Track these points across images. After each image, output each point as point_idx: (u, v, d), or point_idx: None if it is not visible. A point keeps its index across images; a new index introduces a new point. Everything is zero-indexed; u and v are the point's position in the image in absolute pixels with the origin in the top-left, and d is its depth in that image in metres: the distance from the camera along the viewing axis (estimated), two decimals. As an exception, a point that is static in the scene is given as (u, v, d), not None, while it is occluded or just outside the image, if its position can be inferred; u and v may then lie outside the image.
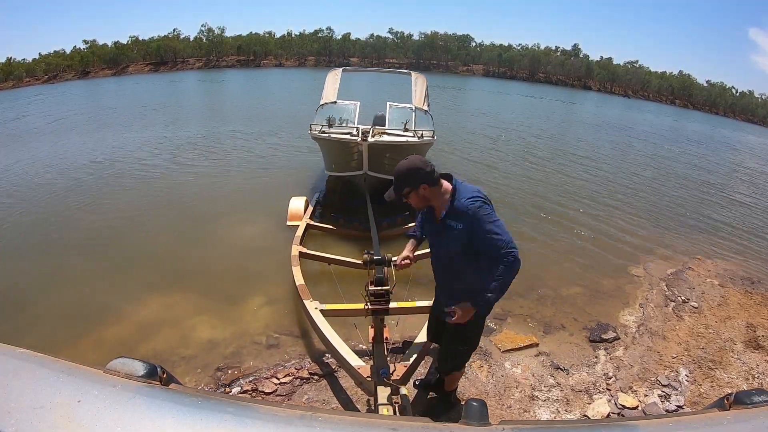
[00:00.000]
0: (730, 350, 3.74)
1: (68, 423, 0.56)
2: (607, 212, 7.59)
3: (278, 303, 4.11)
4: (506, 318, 3.96)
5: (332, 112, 7.31)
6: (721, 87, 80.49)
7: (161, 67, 63.69)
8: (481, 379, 3.20)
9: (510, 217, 6.84)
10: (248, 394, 2.98)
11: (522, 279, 4.62)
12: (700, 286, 4.93)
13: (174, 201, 7.05)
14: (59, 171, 8.65)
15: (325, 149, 7.08)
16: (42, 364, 0.65)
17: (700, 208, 8.67)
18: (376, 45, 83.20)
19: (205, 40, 73.11)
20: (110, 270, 4.74)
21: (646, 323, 4.09)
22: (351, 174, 6.47)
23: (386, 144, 6.35)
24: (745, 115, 73.10)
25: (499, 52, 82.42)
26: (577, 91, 66.26)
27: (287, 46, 78.83)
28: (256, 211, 6.56)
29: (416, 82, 8.09)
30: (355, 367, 2.68)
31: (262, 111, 18.72)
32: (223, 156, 10.00)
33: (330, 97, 7.59)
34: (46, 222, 6.13)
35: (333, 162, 6.95)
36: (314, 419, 0.60)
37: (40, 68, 56.38)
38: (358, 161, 6.08)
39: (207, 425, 0.58)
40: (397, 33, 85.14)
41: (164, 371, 0.67)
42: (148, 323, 3.78)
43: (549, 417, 2.91)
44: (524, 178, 9.41)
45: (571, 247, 5.83)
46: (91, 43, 64.18)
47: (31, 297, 4.19)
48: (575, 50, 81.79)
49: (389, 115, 7.38)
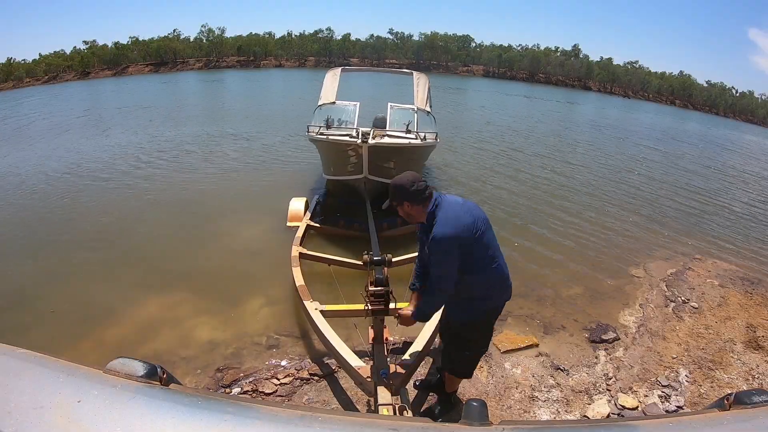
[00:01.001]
0: (730, 351, 3.73)
1: (68, 423, 0.56)
2: (606, 212, 7.59)
3: (278, 304, 4.10)
4: (506, 318, 3.96)
5: (331, 113, 7.10)
6: (721, 87, 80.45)
7: (161, 68, 63.64)
8: (481, 379, 3.20)
9: (510, 217, 6.85)
10: (248, 395, 2.98)
11: (522, 279, 4.66)
12: (700, 286, 4.93)
13: (174, 202, 7.05)
14: (59, 171, 8.65)
15: (323, 152, 6.88)
16: (42, 364, 0.65)
17: (701, 208, 8.66)
18: (376, 45, 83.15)
19: (205, 40, 73.06)
20: (110, 270, 4.74)
21: (646, 324, 4.09)
22: (350, 178, 6.22)
23: (387, 146, 6.12)
24: (745, 116, 73.02)
25: (499, 53, 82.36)
26: (577, 91, 66.25)
27: (287, 47, 78.77)
28: (256, 212, 6.55)
29: (418, 83, 7.90)
30: (355, 367, 2.67)
31: (262, 111, 18.71)
32: (222, 157, 10.00)
33: (329, 97, 7.34)
34: (47, 222, 6.13)
35: (331, 165, 6.74)
36: (314, 419, 0.60)
37: (40, 69, 56.35)
38: (358, 164, 5.84)
39: (207, 425, 0.58)
40: (397, 33, 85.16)
41: (164, 371, 0.67)
42: (148, 324, 3.78)
43: (549, 417, 2.91)
44: (524, 179, 9.41)
45: (571, 248, 5.83)
46: (91, 43, 64.16)
47: (31, 297, 4.19)
48: (575, 51, 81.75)
49: (390, 116, 7.15)
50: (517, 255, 5.34)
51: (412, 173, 2.29)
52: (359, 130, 6.01)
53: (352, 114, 7.09)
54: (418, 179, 2.23)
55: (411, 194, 2.20)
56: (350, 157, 6.03)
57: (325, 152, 6.81)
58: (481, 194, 7.94)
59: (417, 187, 2.19)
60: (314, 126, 6.82)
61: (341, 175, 6.50)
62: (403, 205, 2.24)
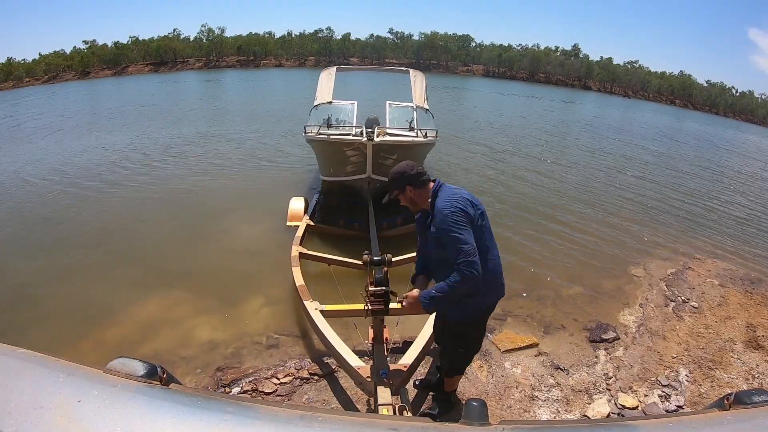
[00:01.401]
0: (730, 350, 3.73)
1: (68, 423, 0.56)
2: (607, 212, 7.59)
3: (278, 304, 4.11)
4: (506, 318, 3.96)
5: (328, 113, 6.83)
6: (721, 87, 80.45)
7: (161, 68, 63.66)
8: (481, 379, 3.20)
9: (509, 217, 6.85)
10: (248, 395, 2.98)
11: (522, 279, 4.67)
12: (700, 286, 4.93)
13: (174, 201, 7.05)
14: (58, 172, 8.66)
15: (322, 152, 6.65)
16: (42, 364, 0.65)
17: (701, 208, 8.66)
18: (376, 45, 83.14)
19: (205, 40, 73.10)
20: (110, 270, 4.74)
21: (646, 323, 4.09)
22: (352, 178, 6.02)
23: (393, 144, 5.99)
24: (745, 116, 73.05)
25: (499, 53, 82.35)
26: (577, 91, 66.24)
27: (287, 47, 78.79)
28: (256, 211, 6.56)
29: (415, 81, 7.80)
30: (355, 367, 2.68)
31: (262, 111, 18.70)
32: (222, 156, 9.99)
33: (325, 97, 7.10)
34: (47, 222, 6.13)
35: (331, 165, 6.47)
36: (314, 419, 0.60)
37: (40, 69, 56.38)
38: (361, 164, 5.68)
39: (207, 425, 0.58)
40: (397, 33, 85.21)
41: (164, 371, 0.67)
42: (148, 324, 3.78)
43: (549, 417, 2.91)
44: (525, 180, 9.41)
45: (571, 248, 5.82)
46: (91, 43, 64.22)
47: (31, 297, 4.19)
48: (575, 50, 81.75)
49: (389, 115, 6.98)
50: (516, 255, 5.35)
51: (407, 161, 2.33)
52: (363, 129, 5.78)
53: (351, 113, 6.85)
54: (415, 164, 2.28)
55: (412, 177, 2.22)
56: (352, 157, 5.86)
57: (324, 152, 6.57)
58: (481, 194, 7.94)
59: (417, 170, 2.24)
60: (311, 126, 6.54)
61: (342, 175, 6.26)
62: (406, 190, 2.24)
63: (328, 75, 7.64)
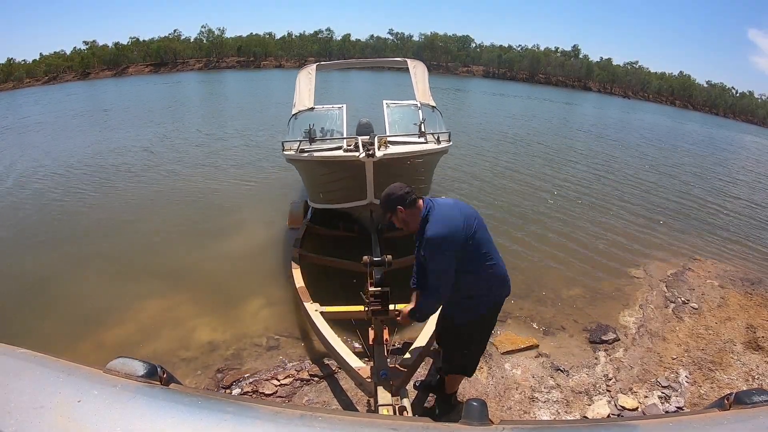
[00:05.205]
0: (730, 351, 3.73)
1: (68, 423, 0.56)
2: (606, 214, 7.58)
3: (278, 305, 4.11)
4: (506, 319, 3.96)
5: (310, 122, 5.18)
6: (721, 88, 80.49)
7: (161, 68, 63.73)
8: (481, 380, 3.20)
9: (509, 217, 6.85)
10: (248, 396, 2.98)
11: (522, 281, 4.67)
12: (700, 287, 4.93)
13: (174, 203, 7.05)
14: (58, 171, 8.66)
15: (306, 174, 5.19)
16: (42, 364, 0.65)
17: (700, 209, 8.66)
18: (376, 46, 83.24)
19: (205, 41, 73.21)
20: (110, 271, 4.74)
21: (646, 324, 4.08)
22: (349, 206, 4.74)
23: (402, 158, 4.54)
24: (745, 116, 73.05)
25: (499, 53, 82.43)
26: (577, 92, 66.27)
27: (287, 47, 78.91)
28: (257, 213, 6.56)
29: (415, 72, 6.18)
30: (355, 368, 2.67)
31: (262, 111, 18.70)
32: (223, 158, 9.99)
33: (305, 102, 5.55)
34: (47, 222, 6.13)
35: (321, 191, 5.03)
36: (314, 419, 0.60)
37: (40, 69, 56.49)
38: (359, 187, 4.34)
39: (207, 425, 0.58)
40: (397, 34, 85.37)
41: (164, 371, 0.67)
42: (149, 325, 3.78)
43: (549, 418, 2.90)
44: (523, 180, 9.41)
45: (570, 249, 5.82)
46: (91, 44, 64.35)
47: (31, 297, 4.19)
48: (575, 51, 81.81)
49: (388, 117, 5.55)
50: (516, 256, 5.34)
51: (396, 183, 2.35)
52: (357, 140, 4.28)
53: (338, 120, 5.34)
54: (402, 185, 2.32)
55: (401, 197, 2.25)
56: (346, 179, 4.50)
57: (310, 175, 5.10)
58: (480, 194, 7.94)
59: (404, 190, 2.27)
60: (290, 141, 5.07)
61: (335, 202, 4.90)
62: (397, 211, 2.26)
63: (306, 75, 6.04)
